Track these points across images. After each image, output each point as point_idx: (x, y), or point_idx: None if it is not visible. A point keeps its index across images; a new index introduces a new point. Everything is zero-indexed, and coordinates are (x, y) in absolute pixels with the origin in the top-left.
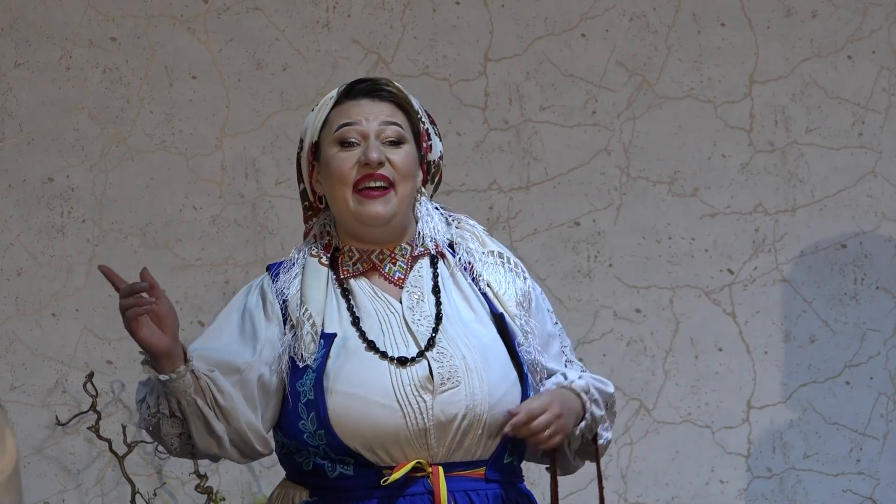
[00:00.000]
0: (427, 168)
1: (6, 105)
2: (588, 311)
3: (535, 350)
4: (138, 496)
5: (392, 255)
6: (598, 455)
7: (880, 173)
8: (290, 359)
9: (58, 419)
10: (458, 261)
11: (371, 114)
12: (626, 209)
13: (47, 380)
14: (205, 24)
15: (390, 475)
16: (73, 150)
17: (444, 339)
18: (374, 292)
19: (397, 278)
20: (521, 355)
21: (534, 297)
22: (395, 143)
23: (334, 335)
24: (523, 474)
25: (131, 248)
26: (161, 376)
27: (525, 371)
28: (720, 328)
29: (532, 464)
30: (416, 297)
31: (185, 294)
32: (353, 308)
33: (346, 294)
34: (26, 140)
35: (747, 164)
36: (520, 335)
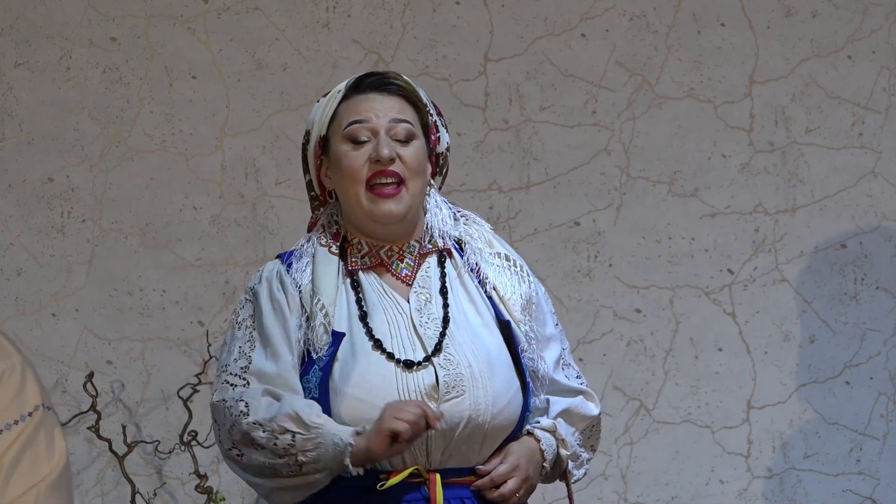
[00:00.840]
0: (435, 160)
1: (6, 105)
2: (588, 311)
3: (537, 357)
4: (138, 496)
5: (400, 252)
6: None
7: (880, 173)
8: (306, 350)
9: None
10: (466, 261)
11: (381, 109)
12: (626, 209)
13: (47, 380)
14: (205, 24)
15: (387, 480)
16: (73, 150)
17: (452, 344)
18: (383, 290)
19: (405, 275)
20: (523, 363)
21: (536, 301)
22: (405, 139)
23: (342, 335)
24: None
25: (131, 248)
26: (355, 471)
27: (527, 380)
28: (720, 328)
29: None
30: (423, 298)
31: (185, 294)
32: (361, 302)
33: (355, 286)
34: (26, 140)
35: (747, 164)
36: (523, 341)
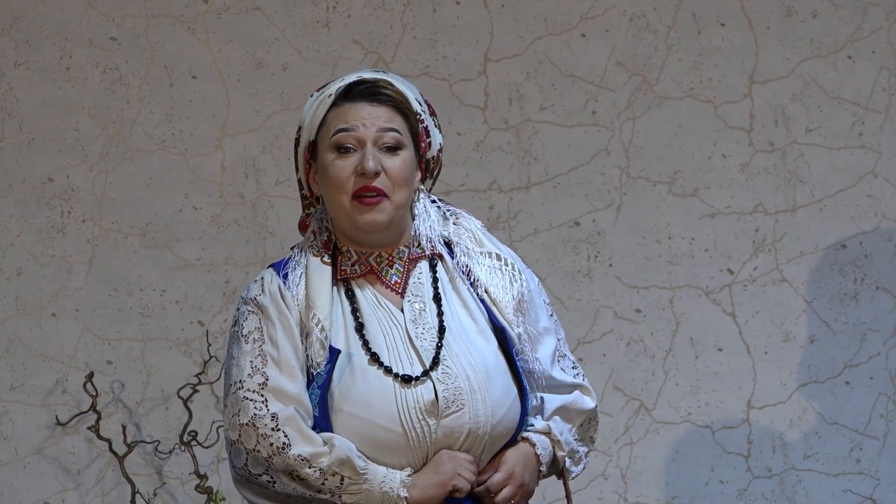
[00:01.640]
0: (426, 165)
1: (6, 105)
2: (588, 311)
3: (531, 358)
4: (138, 496)
5: (390, 258)
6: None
7: (880, 173)
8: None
9: (58, 419)
10: (457, 264)
11: (369, 119)
12: (626, 209)
13: (47, 380)
14: (205, 24)
15: None
16: (73, 150)
17: (449, 356)
18: (377, 300)
19: (394, 282)
20: (519, 366)
21: (529, 297)
22: (392, 148)
23: (339, 351)
24: None
25: (131, 248)
26: None
27: (524, 385)
28: (720, 328)
29: None
30: (417, 307)
31: (185, 294)
32: (356, 312)
33: (349, 296)
34: (26, 140)
35: (747, 164)
36: (518, 344)
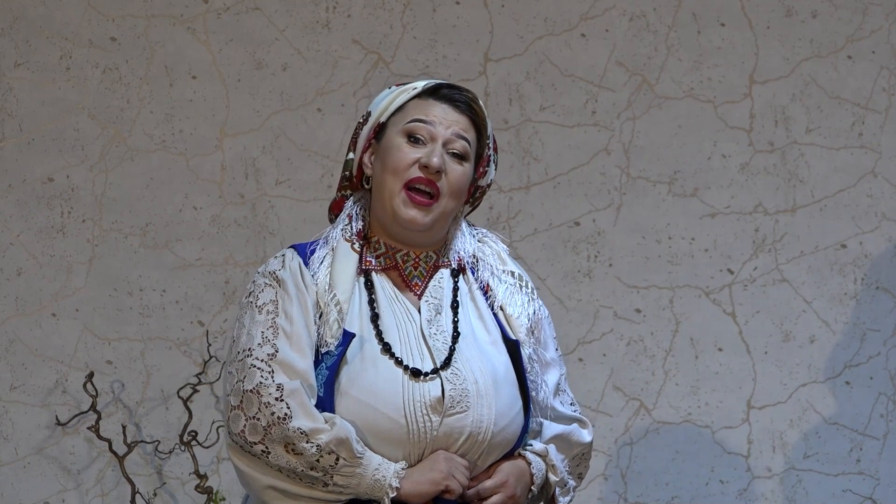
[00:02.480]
0: (473, 192)
1: (6, 105)
2: (588, 311)
3: (540, 381)
4: (138, 496)
5: (416, 260)
6: None
7: (880, 173)
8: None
9: (58, 419)
10: (478, 278)
11: (448, 120)
12: (626, 209)
13: (47, 380)
14: (205, 24)
15: None
16: (73, 150)
17: (460, 359)
18: (395, 295)
19: (415, 284)
20: (528, 384)
21: (541, 323)
22: (458, 156)
23: (353, 335)
24: None
25: (131, 248)
26: None
27: (530, 400)
28: (720, 328)
29: None
30: (434, 309)
31: (185, 294)
32: (374, 303)
33: (368, 286)
34: (26, 140)
35: (747, 164)
36: (527, 363)
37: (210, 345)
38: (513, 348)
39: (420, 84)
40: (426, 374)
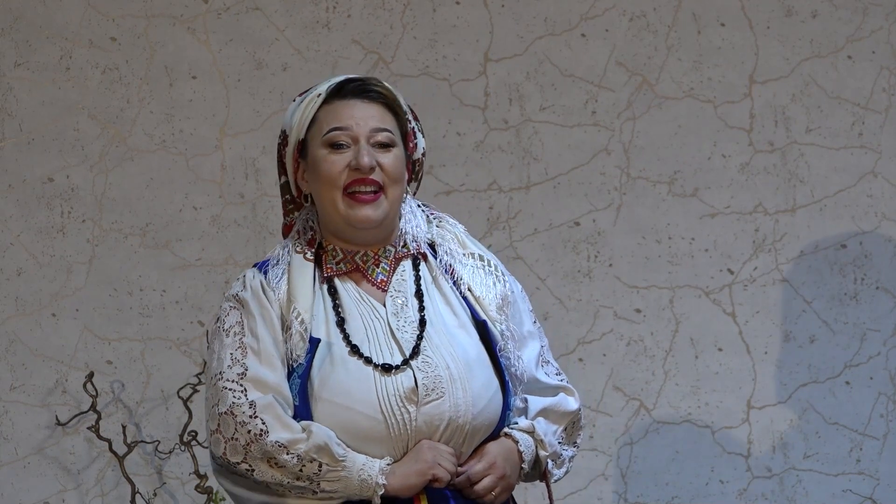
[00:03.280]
0: (412, 167)
1: (6, 105)
2: (588, 311)
3: (514, 355)
4: (138, 496)
5: (376, 257)
6: (550, 491)
7: (880, 173)
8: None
9: (58, 419)
10: (440, 263)
11: (362, 117)
12: (626, 209)
13: (47, 380)
14: (205, 24)
15: None
16: (73, 150)
17: (429, 346)
18: (360, 296)
19: (380, 281)
20: (501, 362)
21: (513, 299)
22: (385, 146)
23: (318, 340)
24: None
25: (131, 248)
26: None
27: (506, 378)
28: (720, 328)
29: None
30: (399, 302)
31: (185, 294)
32: (338, 308)
33: (331, 292)
34: (26, 140)
35: (747, 164)
36: (500, 341)
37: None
38: (482, 329)
39: (322, 89)
40: (396, 366)
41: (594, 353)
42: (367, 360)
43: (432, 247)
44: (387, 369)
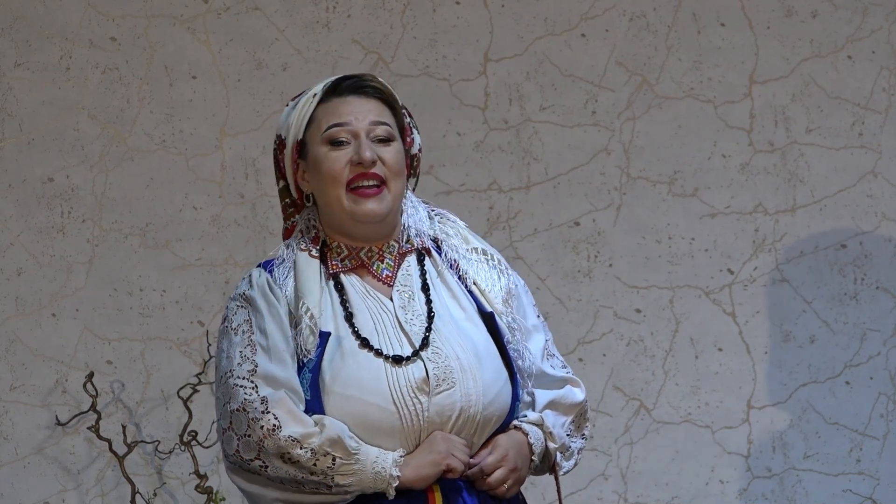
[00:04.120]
0: (410, 162)
1: (6, 105)
2: (588, 311)
3: (522, 347)
4: (138, 496)
5: (380, 253)
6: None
7: (880, 173)
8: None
9: (58, 419)
10: (444, 258)
11: (360, 112)
12: (626, 209)
13: (47, 380)
14: (205, 24)
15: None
16: (73, 150)
17: (438, 338)
18: (366, 290)
19: (385, 276)
20: (509, 353)
21: (516, 293)
22: (384, 140)
23: (328, 334)
24: None
25: (131, 248)
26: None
27: (514, 369)
28: (720, 328)
29: None
30: (406, 295)
31: (186, 294)
32: (346, 303)
33: (338, 288)
34: (26, 140)
35: (747, 164)
36: (507, 333)
37: (210, 345)
38: (490, 321)
39: (318, 89)
40: (407, 358)
41: (594, 353)
42: (378, 353)
43: (435, 242)
44: (397, 360)
